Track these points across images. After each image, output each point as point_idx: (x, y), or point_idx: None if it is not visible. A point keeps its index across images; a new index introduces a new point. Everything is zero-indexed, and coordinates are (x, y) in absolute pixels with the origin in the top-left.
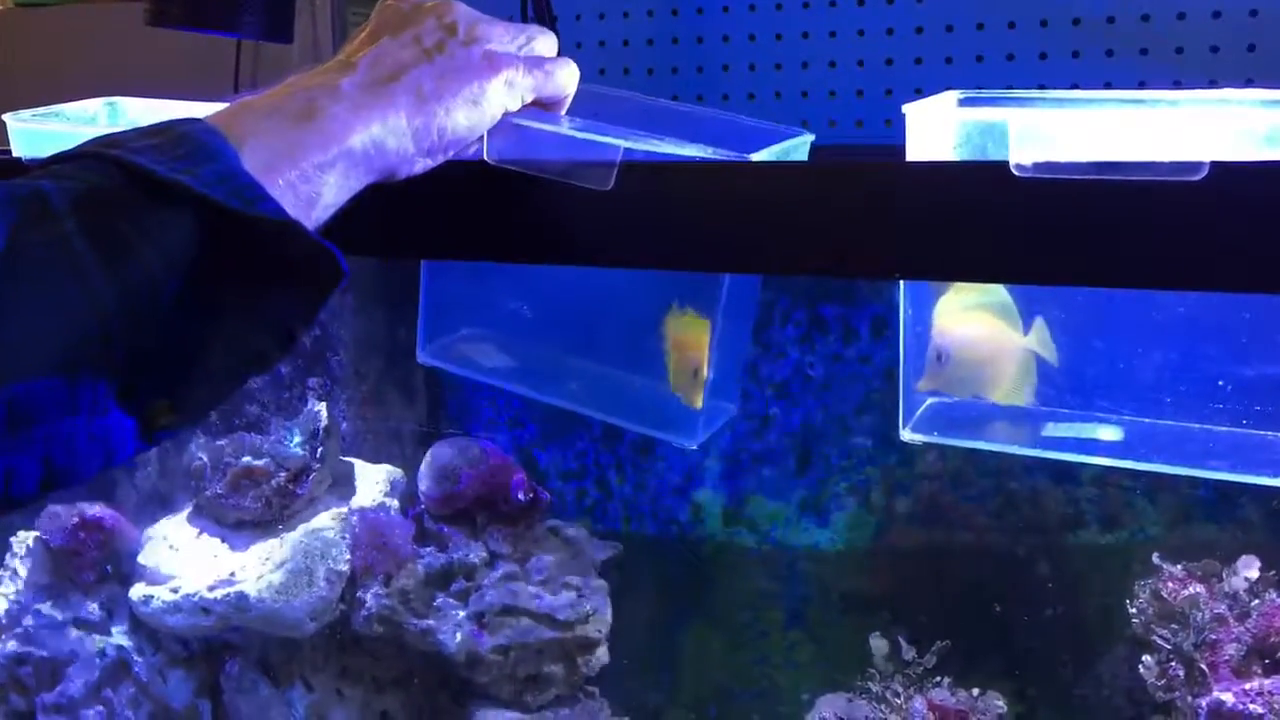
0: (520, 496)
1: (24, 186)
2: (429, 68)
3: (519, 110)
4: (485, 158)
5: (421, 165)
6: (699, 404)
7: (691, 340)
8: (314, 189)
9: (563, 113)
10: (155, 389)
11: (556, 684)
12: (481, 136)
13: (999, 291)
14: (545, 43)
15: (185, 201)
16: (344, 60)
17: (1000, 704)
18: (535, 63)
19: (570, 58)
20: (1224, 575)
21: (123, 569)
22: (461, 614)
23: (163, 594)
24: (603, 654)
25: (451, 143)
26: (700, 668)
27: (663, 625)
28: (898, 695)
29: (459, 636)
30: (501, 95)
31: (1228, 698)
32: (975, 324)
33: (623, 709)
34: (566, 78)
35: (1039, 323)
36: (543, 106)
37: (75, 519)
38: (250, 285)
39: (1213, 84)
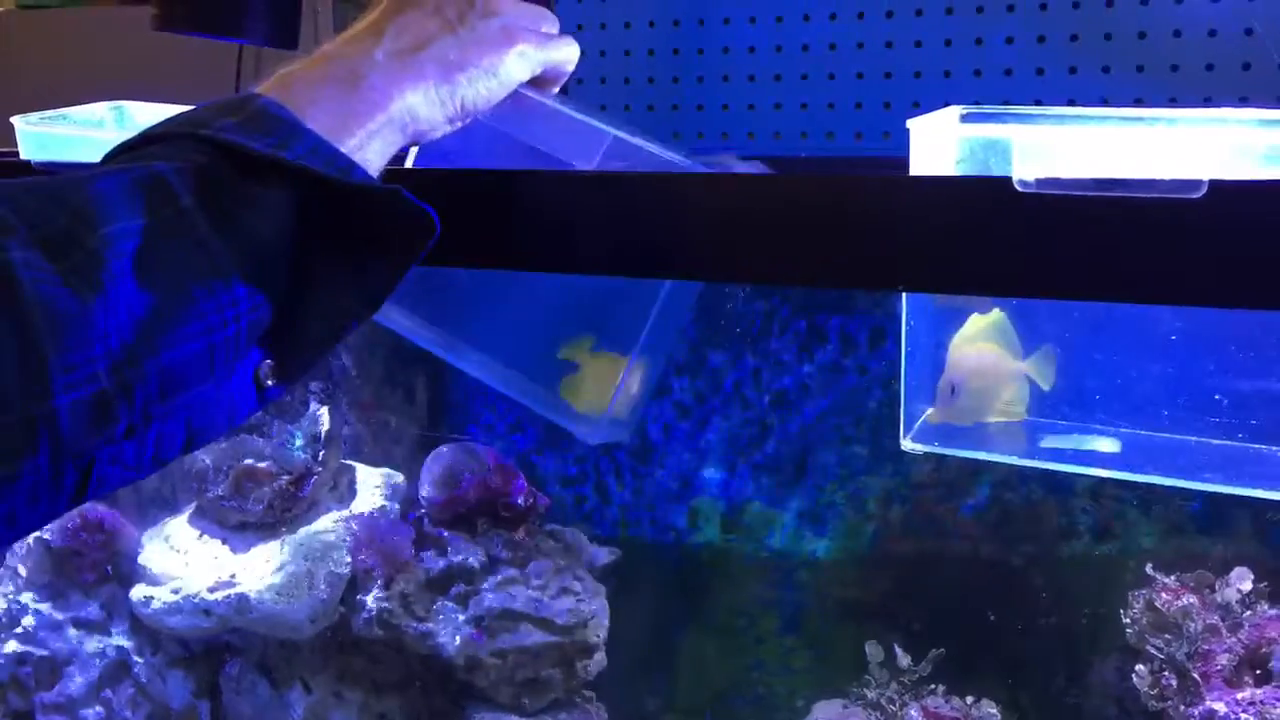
0: (520, 501)
1: (140, 169)
2: (452, 38)
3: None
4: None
5: (443, 131)
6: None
7: (603, 374)
8: (365, 155)
9: (556, 90)
10: (266, 352)
11: (554, 688)
12: None
13: (1002, 319)
14: (549, 23)
15: (283, 174)
16: (371, 27)
17: (994, 712)
18: (544, 38)
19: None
20: (1217, 586)
21: (123, 570)
22: (461, 618)
23: (163, 595)
24: (600, 658)
25: (471, 110)
26: (697, 673)
27: (660, 630)
28: (893, 702)
29: (458, 640)
30: (516, 66)
31: (1220, 707)
32: (983, 354)
33: (620, 713)
34: (569, 55)
35: (1044, 350)
36: (542, 83)
37: (76, 519)
38: (344, 250)
39: (1207, 101)
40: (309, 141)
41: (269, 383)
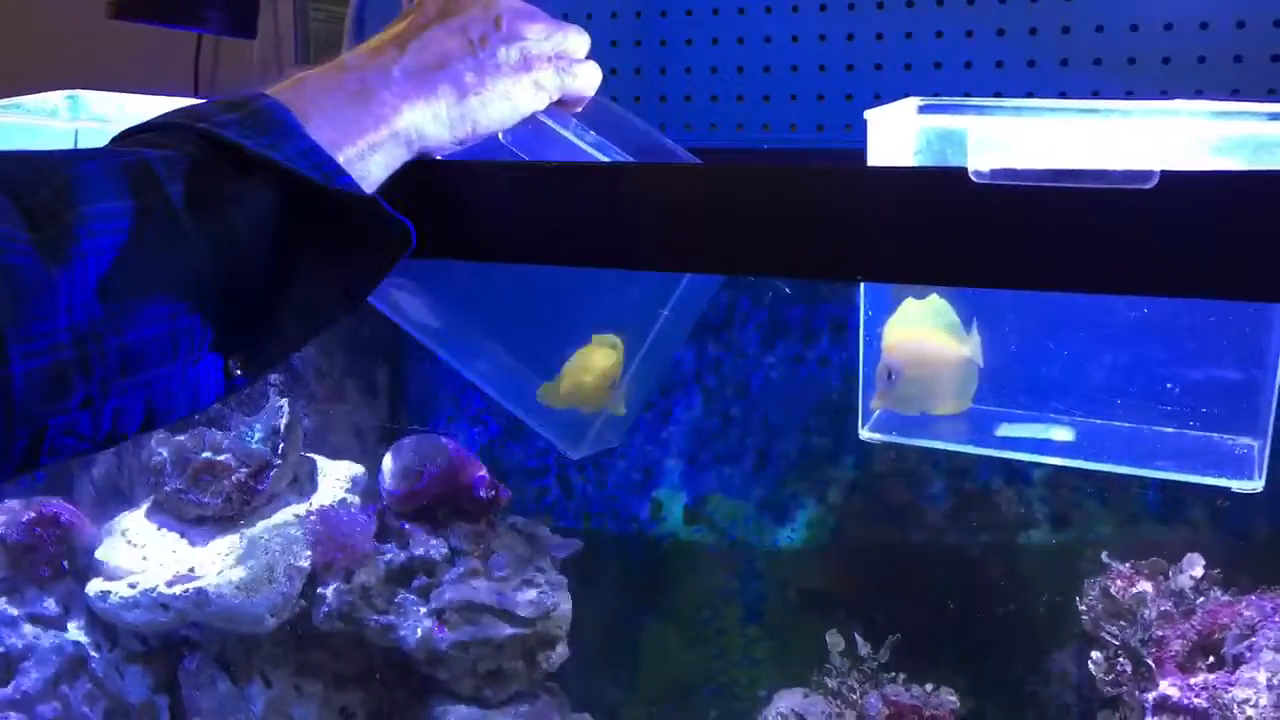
0: (482, 494)
1: (129, 154)
2: (472, 60)
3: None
4: (501, 139)
5: (450, 150)
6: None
7: (605, 374)
8: (365, 166)
9: (576, 110)
10: (236, 342)
11: (517, 680)
12: None
13: (944, 307)
14: (577, 41)
15: (270, 173)
16: (396, 40)
17: (953, 699)
18: (563, 65)
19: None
20: (1170, 573)
21: (80, 564)
22: (422, 610)
23: (121, 589)
24: (563, 650)
25: (482, 133)
26: (659, 664)
27: (623, 622)
28: (853, 691)
29: (419, 632)
30: (530, 95)
31: (1173, 692)
32: (921, 341)
33: (582, 705)
34: (588, 81)
35: (975, 330)
36: (562, 104)
37: (31, 514)
38: (323, 251)
39: (1164, 94)
40: (302, 145)
41: (237, 372)
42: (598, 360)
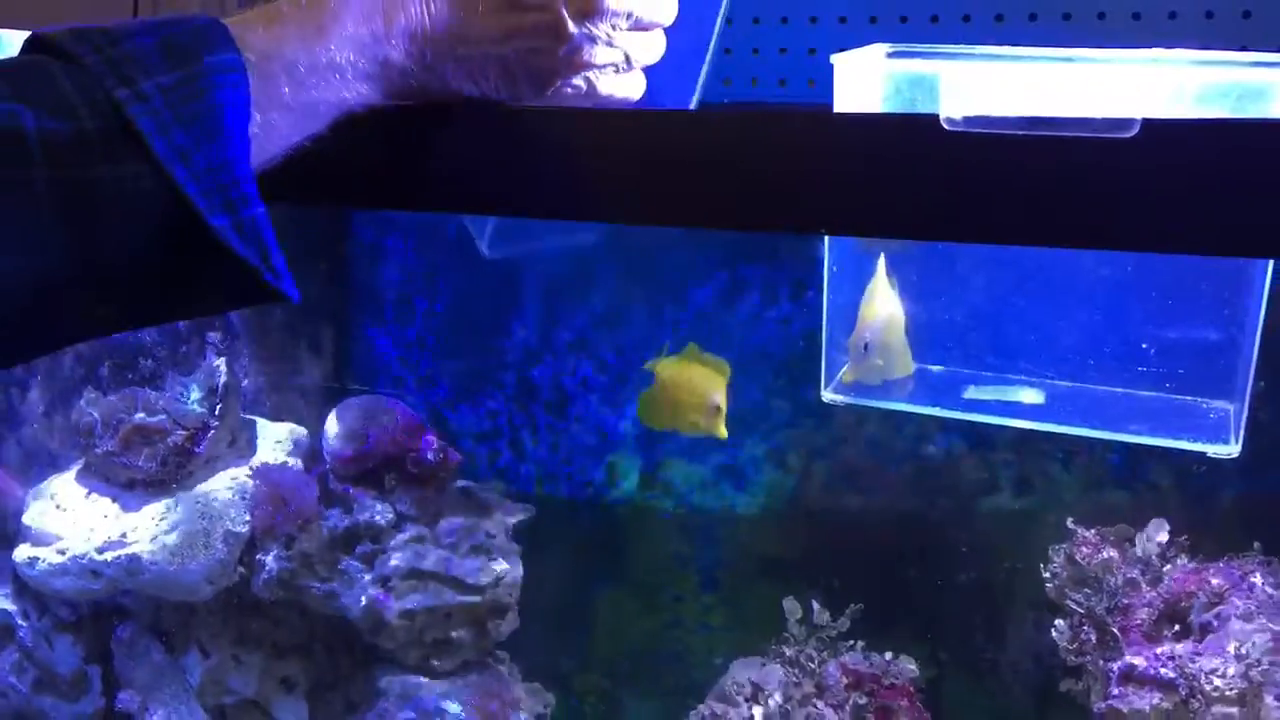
0: (430, 457)
1: (3, 109)
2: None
3: None
4: None
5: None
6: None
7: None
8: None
9: None
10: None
11: (465, 649)
12: None
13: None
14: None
15: (167, 186)
16: None
17: (913, 667)
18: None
19: None
20: (1136, 540)
21: (6, 530)
22: (367, 577)
23: (49, 556)
24: (513, 618)
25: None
26: (613, 632)
27: (576, 589)
28: (811, 659)
29: (364, 600)
30: None
31: (1139, 661)
32: (893, 311)
33: (534, 674)
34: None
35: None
36: None
37: None
38: (185, 276)
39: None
40: (217, 157)
41: None
42: (702, 382)
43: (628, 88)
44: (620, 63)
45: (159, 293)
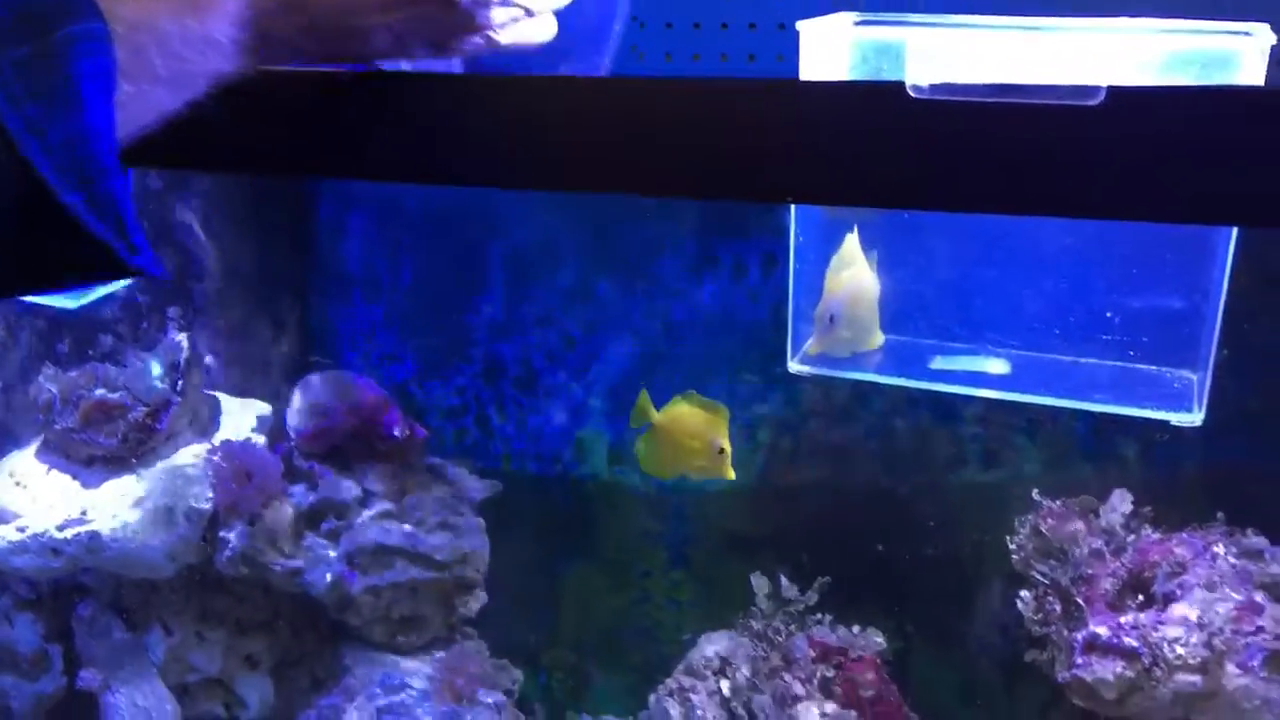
0: (396, 433)
1: None
2: None
3: None
4: None
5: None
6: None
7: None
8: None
9: None
10: None
11: (432, 626)
12: None
13: (854, 238)
14: None
15: (18, 161)
16: None
17: (880, 640)
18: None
19: None
20: (1100, 511)
21: None
22: (332, 554)
23: (8, 534)
24: (481, 595)
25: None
26: (581, 608)
27: (543, 565)
28: (779, 633)
29: (329, 577)
30: None
31: (1103, 631)
32: (860, 280)
33: (501, 651)
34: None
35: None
36: None
37: None
38: (41, 254)
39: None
40: (73, 127)
41: None
42: (703, 426)
43: (533, 33)
44: (519, 14)
45: (14, 268)
